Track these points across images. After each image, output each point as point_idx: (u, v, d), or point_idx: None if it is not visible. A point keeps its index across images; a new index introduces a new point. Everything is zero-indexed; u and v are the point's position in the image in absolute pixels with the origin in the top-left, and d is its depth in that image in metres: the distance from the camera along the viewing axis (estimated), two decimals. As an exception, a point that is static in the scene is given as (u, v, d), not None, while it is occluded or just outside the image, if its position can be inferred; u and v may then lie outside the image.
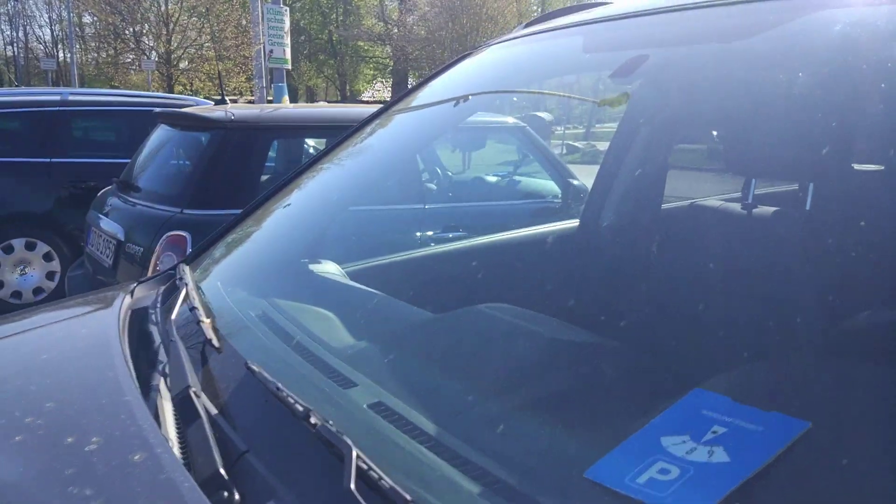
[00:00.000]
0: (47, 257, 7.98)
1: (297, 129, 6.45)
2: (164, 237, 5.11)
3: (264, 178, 5.90)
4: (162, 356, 1.98)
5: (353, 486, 1.20)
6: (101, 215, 6.14)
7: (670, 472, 1.25)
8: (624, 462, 1.30)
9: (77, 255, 7.51)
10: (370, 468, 1.25)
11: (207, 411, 1.64)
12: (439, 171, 7.09)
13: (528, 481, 1.28)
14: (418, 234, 4.74)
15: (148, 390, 1.83)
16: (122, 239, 5.59)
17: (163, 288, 2.45)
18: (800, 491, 1.14)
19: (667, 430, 1.37)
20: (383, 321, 2.14)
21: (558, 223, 3.85)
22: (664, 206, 3.06)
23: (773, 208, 2.41)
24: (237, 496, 1.45)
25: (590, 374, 1.59)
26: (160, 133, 6.53)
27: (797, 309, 1.57)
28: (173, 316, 2.02)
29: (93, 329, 2.21)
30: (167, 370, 1.84)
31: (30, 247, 7.78)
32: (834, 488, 1.17)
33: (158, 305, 2.30)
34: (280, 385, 1.59)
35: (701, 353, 1.49)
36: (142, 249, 5.29)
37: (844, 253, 1.60)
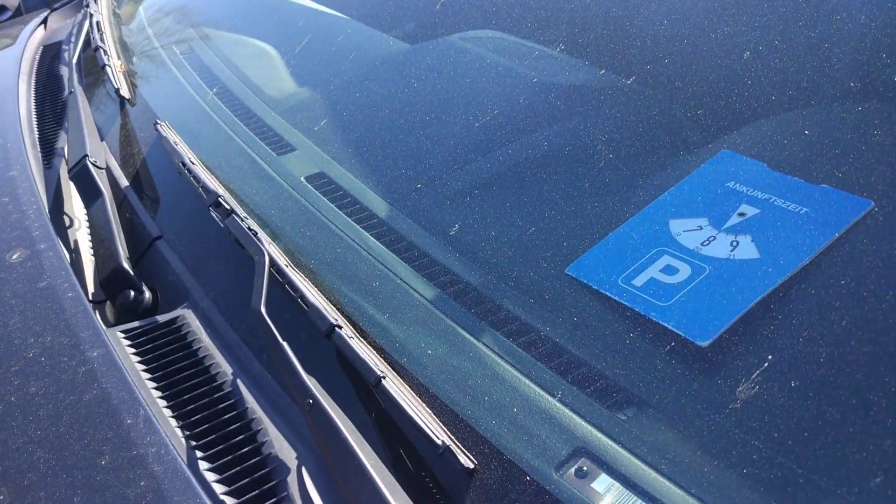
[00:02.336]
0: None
1: None
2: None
3: None
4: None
5: (262, 307, 0.92)
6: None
7: (678, 271, 0.95)
8: (618, 256, 0.99)
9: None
10: (285, 272, 0.96)
11: (110, 187, 1.33)
12: None
13: (493, 280, 0.99)
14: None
15: (50, 159, 1.51)
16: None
17: (80, 16, 2.01)
18: (850, 297, 0.83)
19: (678, 209, 1.05)
20: (339, 56, 1.72)
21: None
22: None
23: None
24: (147, 295, 1.20)
25: (588, 129, 1.22)
26: None
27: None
28: (75, 58, 1.63)
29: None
30: (68, 132, 1.50)
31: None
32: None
33: (72, 41, 1.89)
34: (192, 158, 1.26)
35: (733, 102, 1.11)
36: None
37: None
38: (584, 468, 0.74)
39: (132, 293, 1.18)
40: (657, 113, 1.19)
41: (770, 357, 0.77)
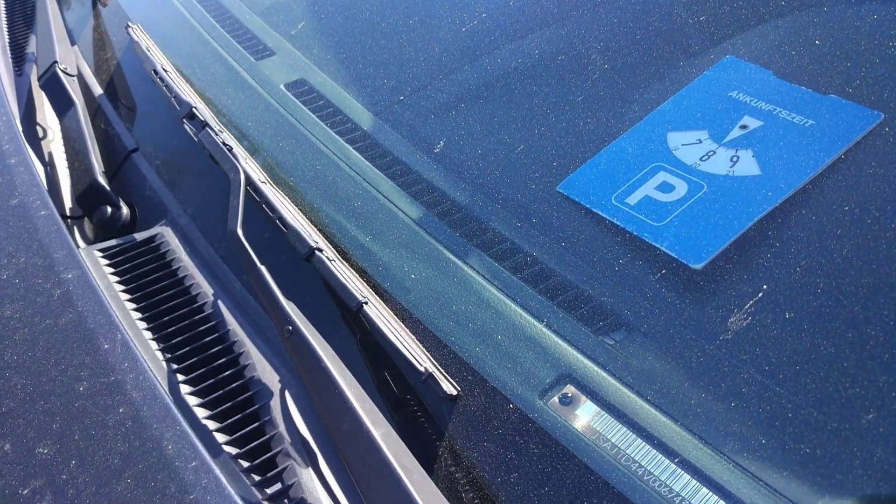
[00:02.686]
0: None
1: None
2: None
3: None
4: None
5: (239, 229, 0.88)
6: None
7: (674, 188, 0.91)
8: (611, 172, 0.95)
9: None
10: (262, 191, 0.92)
11: (83, 96, 1.27)
12: None
13: (480, 198, 0.95)
14: None
15: (21, 66, 1.44)
16: None
17: None
18: (858, 212, 0.80)
19: (677, 121, 0.99)
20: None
21: None
22: None
23: None
24: (124, 211, 1.16)
25: (582, 35, 1.15)
26: None
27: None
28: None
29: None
30: (37, 36, 1.42)
31: None
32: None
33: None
34: (165, 65, 1.19)
35: (739, 4, 1.04)
36: None
37: None
38: (569, 395, 0.72)
39: (109, 209, 1.14)
40: (657, 17, 1.12)
41: (765, 286, 0.74)
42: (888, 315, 0.66)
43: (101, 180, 1.15)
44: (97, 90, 1.33)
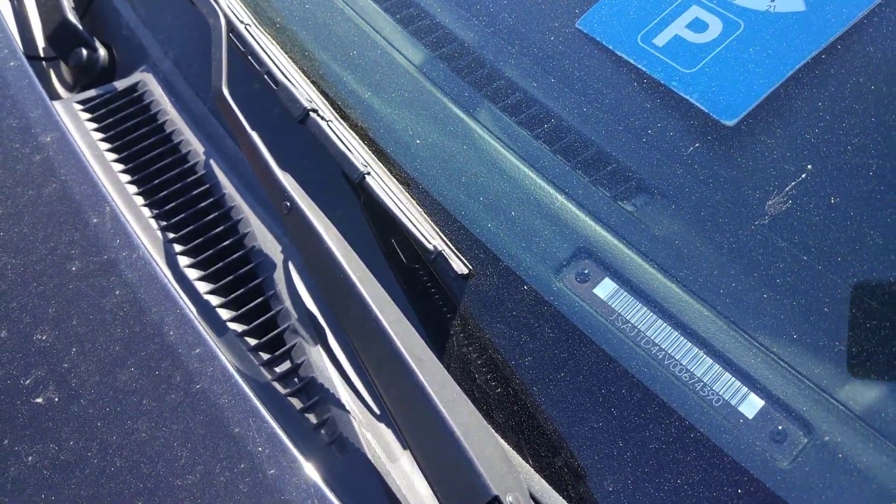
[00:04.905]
0: None
1: None
2: None
3: None
4: None
5: (224, 87, 0.80)
6: None
7: (708, 27, 0.81)
8: (637, 6, 0.84)
9: None
10: (247, 41, 0.83)
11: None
12: None
13: (491, 38, 0.86)
14: None
15: None
16: None
17: None
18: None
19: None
20: None
21: None
22: None
23: None
24: (101, 52, 1.06)
25: None
26: None
27: None
28: None
29: None
30: None
31: None
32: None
33: None
34: None
35: None
36: None
37: None
38: (587, 270, 0.68)
39: (84, 52, 1.05)
40: None
41: (806, 152, 0.67)
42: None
43: (72, 18, 1.04)
44: None
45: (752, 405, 0.59)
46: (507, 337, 0.66)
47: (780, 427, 0.58)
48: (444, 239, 0.71)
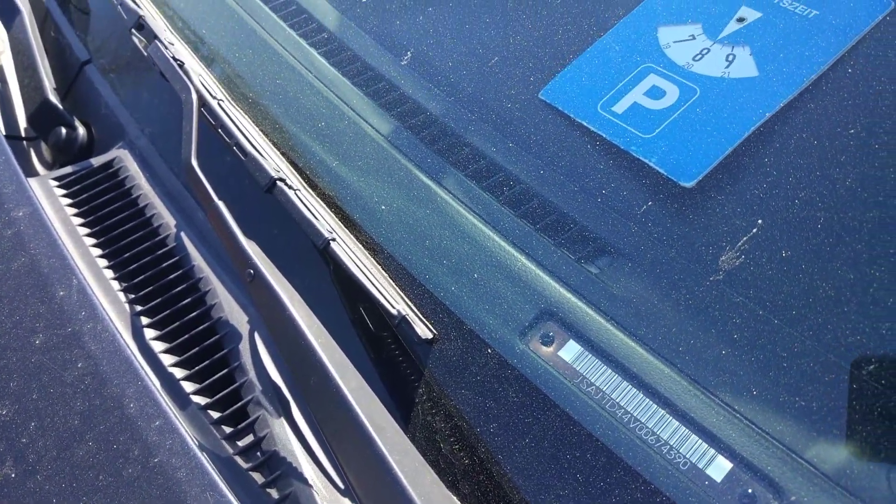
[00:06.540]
0: None
1: None
2: None
3: None
4: None
5: (193, 160, 0.81)
6: None
7: (665, 93, 0.83)
8: (598, 75, 0.87)
9: None
10: (217, 114, 0.85)
11: (30, 2, 1.16)
12: None
13: (456, 108, 0.87)
14: None
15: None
16: None
17: None
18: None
19: (669, 12, 0.90)
20: None
21: None
22: None
23: None
24: (81, 131, 1.08)
25: None
26: None
27: None
28: None
29: None
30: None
31: None
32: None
33: None
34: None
35: None
36: None
37: None
38: (551, 333, 0.68)
39: (64, 131, 1.07)
40: None
41: (760, 209, 0.68)
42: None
43: (53, 98, 1.07)
44: (41, -5, 1.22)
45: (719, 468, 0.58)
46: (472, 403, 0.65)
47: (748, 490, 0.57)
48: (409, 303, 0.71)
